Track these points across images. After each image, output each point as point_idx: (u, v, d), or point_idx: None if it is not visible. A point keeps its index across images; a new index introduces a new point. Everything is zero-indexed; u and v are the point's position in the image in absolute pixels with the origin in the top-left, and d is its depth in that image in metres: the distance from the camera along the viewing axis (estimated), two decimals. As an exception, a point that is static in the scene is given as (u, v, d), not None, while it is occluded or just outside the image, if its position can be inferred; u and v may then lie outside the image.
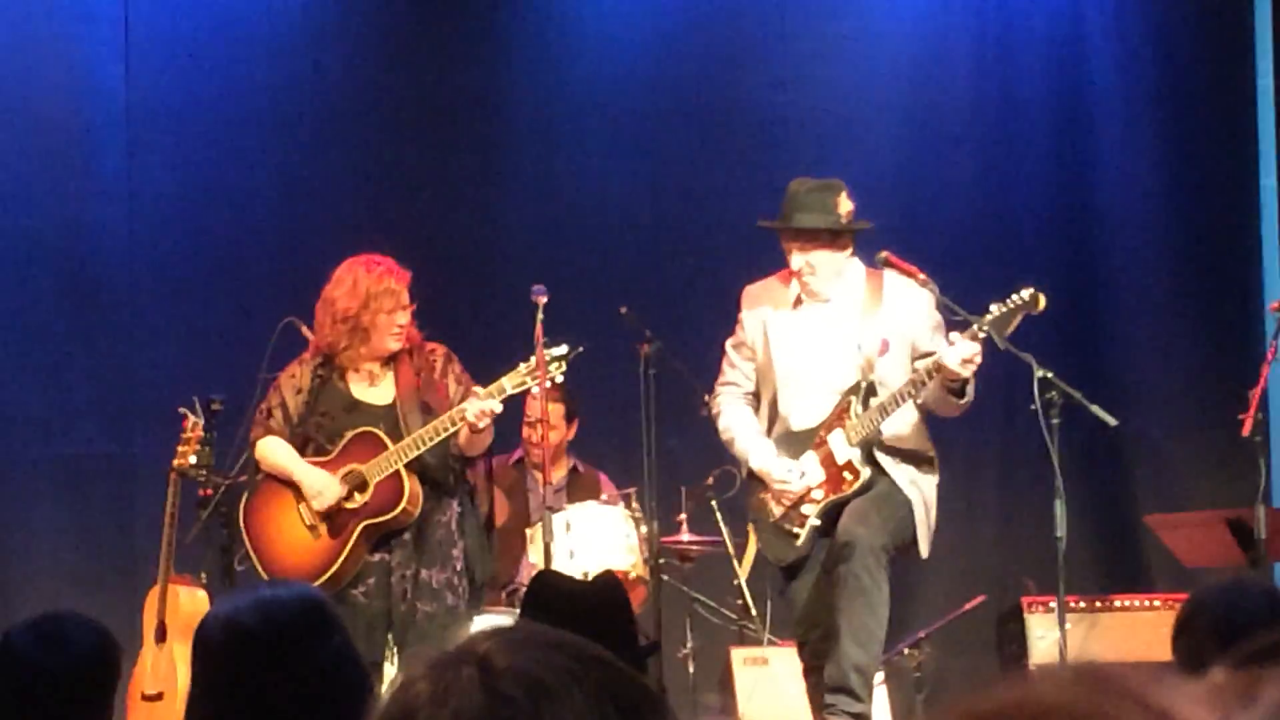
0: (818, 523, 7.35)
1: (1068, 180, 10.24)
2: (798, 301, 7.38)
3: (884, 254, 7.51)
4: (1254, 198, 10.13)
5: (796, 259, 7.28)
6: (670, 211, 9.98)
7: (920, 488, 7.30)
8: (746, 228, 9.78)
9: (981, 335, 7.30)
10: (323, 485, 7.37)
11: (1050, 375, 7.41)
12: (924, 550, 7.37)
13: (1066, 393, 7.45)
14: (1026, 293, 7.32)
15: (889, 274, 7.43)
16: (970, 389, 7.35)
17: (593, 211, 9.91)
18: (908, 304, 7.36)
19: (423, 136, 9.98)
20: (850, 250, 7.39)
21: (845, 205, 7.30)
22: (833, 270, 7.28)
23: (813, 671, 7.38)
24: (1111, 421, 7.77)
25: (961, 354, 7.16)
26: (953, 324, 7.52)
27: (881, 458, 7.33)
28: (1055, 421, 7.44)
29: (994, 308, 7.21)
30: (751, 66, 10.17)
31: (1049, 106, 10.26)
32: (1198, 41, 10.19)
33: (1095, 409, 7.57)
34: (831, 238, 7.27)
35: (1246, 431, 7.88)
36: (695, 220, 9.97)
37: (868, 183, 9.75)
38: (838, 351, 7.37)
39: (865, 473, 7.34)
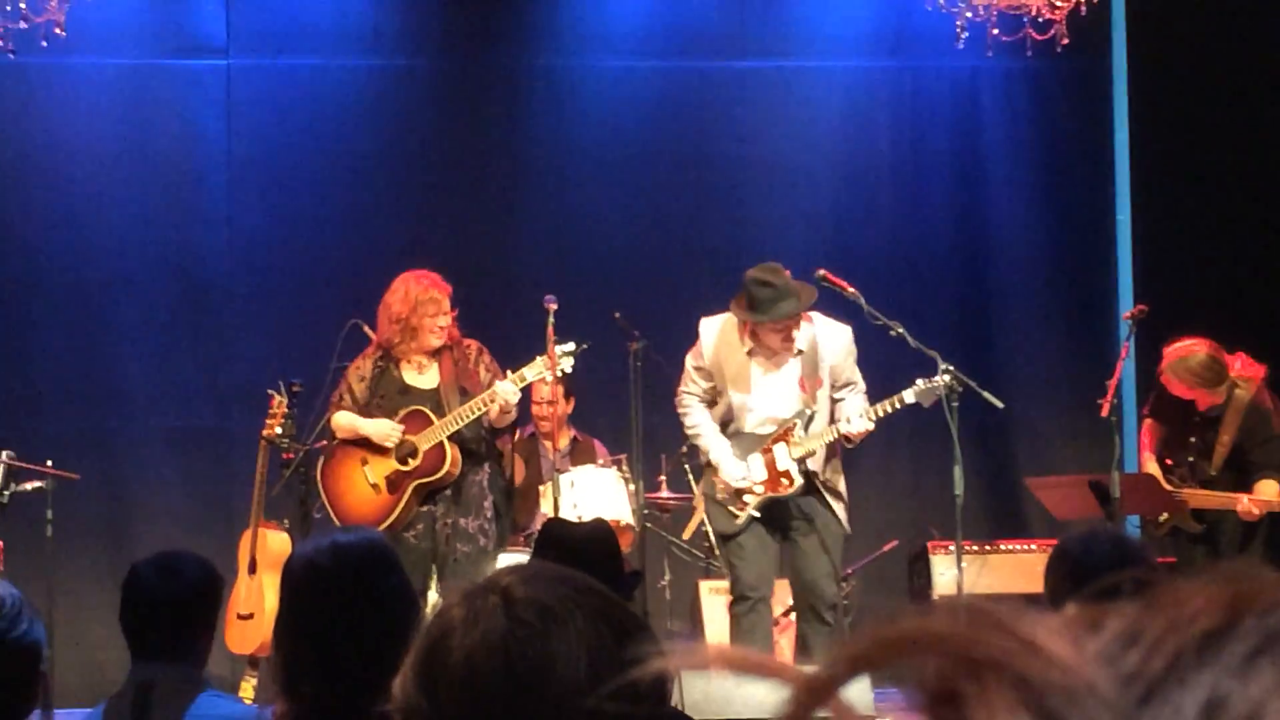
0: (755, 514, 7.35)
1: (965, 215, 10.24)
2: (751, 352, 7.36)
3: (821, 272, 7.53)
4: (1111, 229, 10.16)
5: (776, 338, 7.27)
6: (654, 238, 9.99)
7: (845, 512, 7.36)
8: (712, 252, 10.04)
9: (877, 415, 7.41)
10: (389, 429, 7.45)
11: (951, 368, 7.40)
12: (846, 528, 7.43)
13: (964, 382, 7.44)
14: (946, 375, 7.42)
15: (820, 321, 7.43)
16: (870, 418, 7.47)
17: (593, 239, 9.92)
18: (834, 346, 7.45)
19: (460, 180, 9.98)
20: None
21: (791, 282, 7.29)
22: (796, 330, 7.31)
23: (760, 606, 7.39)
24: (998, 404, 7.82)
25: (857, 429, 7.31)
26: (873, 328, 7.45)
27: (826, 495, 7.32)
28: (955, 404, 7.47)
29: (924, 383, 7.39)
30: (718, 126, 10.17)
31: (951, 156, 10.25)
32: (1068, 105, 10.20)
33: (986, 395, 7.63)
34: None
35: (1105, 413, 7.90)
36: (673, 244, 9.99)
37: (809, 216, 9.88)
38: (782, 390, 7.40)
39: (799, 481, 7.34)
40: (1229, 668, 0.37)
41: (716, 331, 7.53)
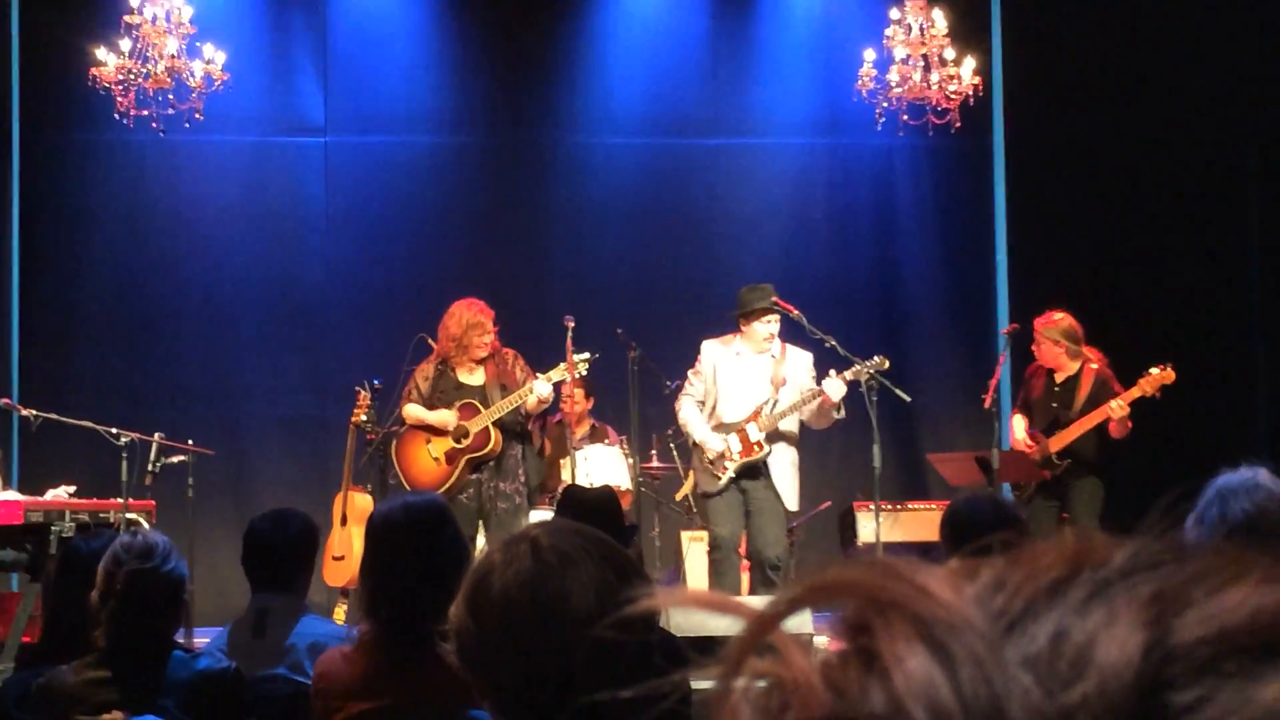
0: (734, 475, 7.33)
1: (882, 256, 10.20)
2: (738, 352, 7.40)
3: (774, 298, 7.46)
4: (992, 266, 10.14)
5: (767, 328, 7.35)
6: (647, 272, 9.96)
7: (790, 492, 7.38)
8: (691, 283, 10.08)
9: (849, 379, 7.37)
10: (449, 417, 7.40)
11: (859, 359, 7.43)
12: (794, 508, 7.42)
13: (881, 380, 7.42)
14: (878, 358, 7.39)
15: (789, 346, 7.52)
16: (842, 410, 7.45)
17: (601, 273, 9.87)
18: (799, 365, 7.45)
19: (501, 228, 9.98)
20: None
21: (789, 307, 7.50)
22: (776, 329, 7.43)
23: (733, 553, 7.43)
24: (906, 398, 7.78)
25: (837, 393, 7.26)
26: (810, 343, 7.47)
27: (775, 479, 7.34)
28: (874, 398, 7.42)
29: (865, 363, 7.39)
30: (696, 188, 10.16)
31: (872, 211, 10.22)
32: (960, 173, 10.17)
33: (897, 390, 7.56)
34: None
35: (987, 405, 7.86)
36: (662, 277, 9.95)
37: (764, 257, 9.91)
38: (756, 384, 7.40)
39: (767, 447, 7.34)
40: (1071, 608, 0.38)
41: (713, 347, 7.58)
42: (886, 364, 7.51)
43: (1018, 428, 7.79)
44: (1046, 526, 7.50)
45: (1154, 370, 7.46)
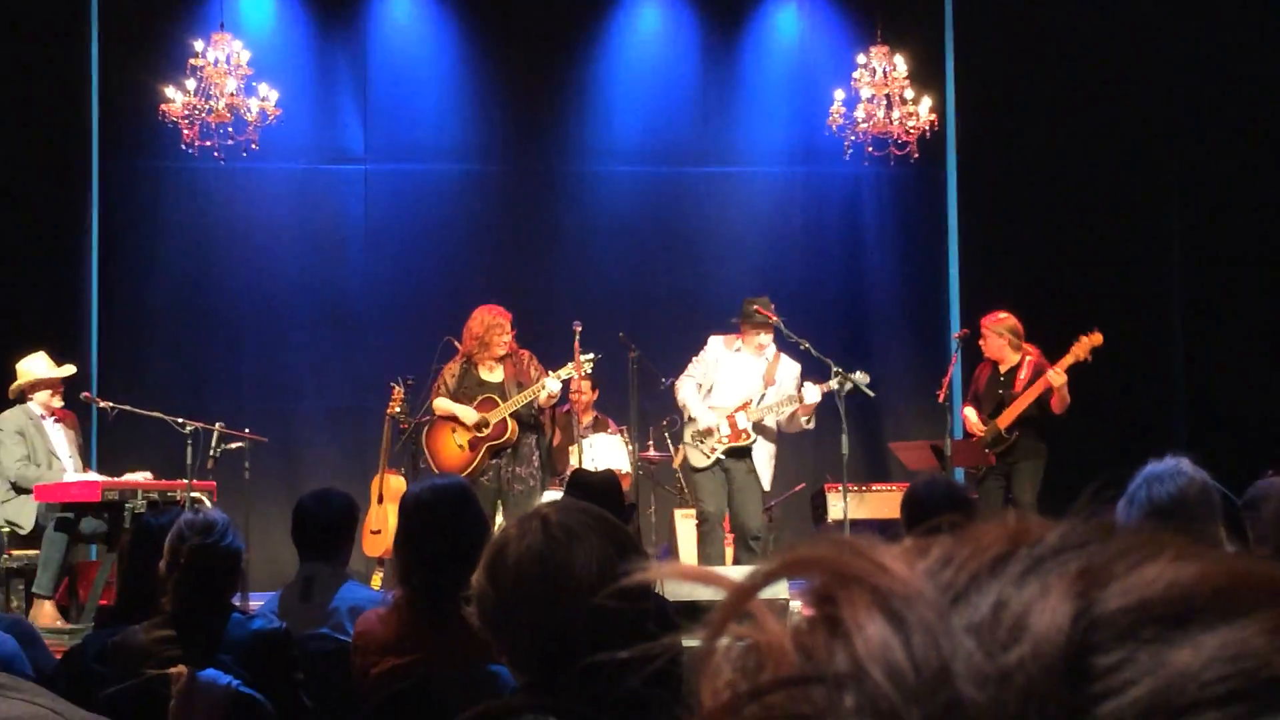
0: (721, 456, 7.33)
1: (849, 270, 10.18)
2: (736, 351, 7.40)
3: (755, 306, 7.47)
4: (946, 279, 10.12)
5: (757, 338, 7.38)
6: (645, 284, 9.94)
7: (766, 475, 7.39)
8: (683, 293, 10.08)
9: (829, 387, 7.40)
10: (472, 411, 7.38)
11: (840, 369, 7.39)
12: (768, 489, 7.42)
13: (849, 378, 7.41)
14: (859, 374, 7.40)
15: (783, 355, 7.53)
16: (812, 420, 7.52)
17: (604, 284, 9.84)
18: (788, 372, 7.46)
19: (518, 244, 9.97)
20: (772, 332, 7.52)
21: (768, 310, 7.43)
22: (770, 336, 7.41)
23: (718, 526, 7.43)
24: (871, 394, 7.76)
25: (813, 397, 7.33)
26: (786, 346, 7.48)
27: (755, 463, 7.33)
28: (844, 393, 7.40)
29: (846, 376, 7.37)
30: (688, 210, 10.16)
31: (841, 230, 10.21)
32: (917, 197, 10.10)
33: (864, 388, 7.54)
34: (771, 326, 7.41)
35: (941, 399, 7.87)
36: (658, 288, 9.93)
37: (746, 270, 9.93)
38: (749, 379, 7.39)
39: (753, 435, 7.34)
40: (1009, 581, 0.38)
41: (718, 341, 7.53)
42: (867, 379, 7.52)
43: (970, 417, 7.78)
44: (995, 505, 7.49)
45: (1083, 337, 7.46)
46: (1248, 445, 7.61)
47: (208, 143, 8.51)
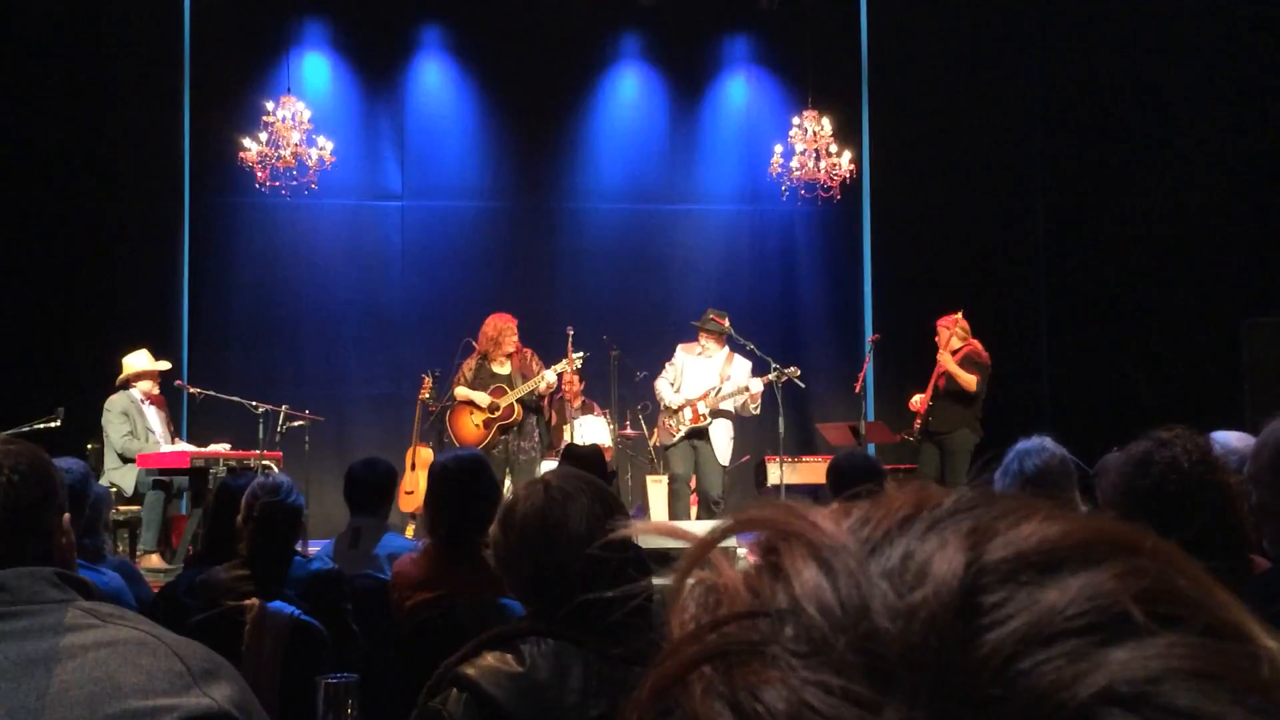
0: (684, 437, 7.31)
1: (786, 288, 10.17)
2: (698, 355, 7.38)
3: (712, 315, 7.47)
4: (862, 294, 10.14)
5: (711, 341, 7.34)
6: (624, 298, 9.91)
7: (724, 451, 7.32)
8: (655, 305, 10.06)
9: (769, 379, 7.33)
10: (486, 397, 7.34)
11: (778, 365, 7.41)
12: (726, 463, 7.37)
13: (785, 372, 7.42)
14: (792, 369, 7.36)
15: (736, 355, 7.42)
16: (759, 408, 7.41)
17: (592, 298, 9.80)
18: (740, 369, 7.39)
19: (522, 265, 9.92)
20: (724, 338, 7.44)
21: (722, 319, 7.36)
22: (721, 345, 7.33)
23: (684, 486, 7.40)
24: (802, 385, 7.75)
25: (757, 387, 7.27)
26: (742, 350, 7.42)
27: (714, 439, 7.30)
28: (781, 384, 7.40)
29: (782, 370, 7.30)
30: (658, 240, 10.11)
31: (779, 256, 10.20)
32: (839, 231, 10.05)
33: (797, 380, 7.54)
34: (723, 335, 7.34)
35: (857, 390, 7.90)
36: (636, 302, 9.88)
37: (704, 289, 9.82)
38: (708, 375, 7.36)
39: (710, 419, 7.30)
40: (915, 536, 0.38)
41: (682, 350, 7.47)
42: (799, 372, 7.52)
43: (915, 400, 7.54)
44: (929, 464, 7.34)
45: (950, 322, 7.37)
46: (1098, 424, 7.67)
47: (276, 183, 8.47)
